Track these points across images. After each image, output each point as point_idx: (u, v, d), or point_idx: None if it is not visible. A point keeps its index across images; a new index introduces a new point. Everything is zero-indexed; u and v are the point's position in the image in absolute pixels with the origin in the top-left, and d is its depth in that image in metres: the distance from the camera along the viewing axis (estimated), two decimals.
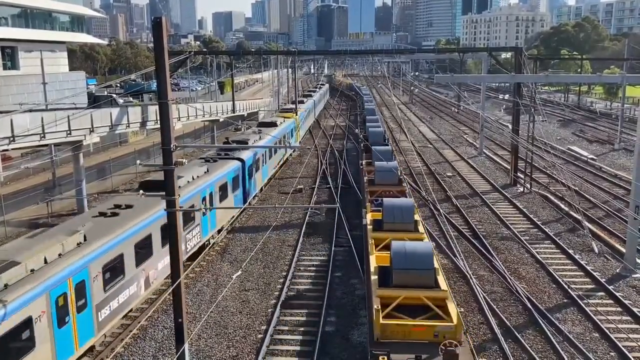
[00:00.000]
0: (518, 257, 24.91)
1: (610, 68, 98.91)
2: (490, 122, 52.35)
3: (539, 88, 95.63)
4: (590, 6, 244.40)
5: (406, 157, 48.27)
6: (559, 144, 54.03)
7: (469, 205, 33.61)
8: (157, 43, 12.37)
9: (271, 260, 24.63)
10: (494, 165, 46.20)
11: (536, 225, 29.32)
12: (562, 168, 38.78)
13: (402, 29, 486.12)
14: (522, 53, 40.30)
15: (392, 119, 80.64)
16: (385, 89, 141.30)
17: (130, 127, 35.21)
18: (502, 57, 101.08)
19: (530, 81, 40.08)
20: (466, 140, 60.09)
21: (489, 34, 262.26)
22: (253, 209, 32.21)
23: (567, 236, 27.71)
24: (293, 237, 27.78)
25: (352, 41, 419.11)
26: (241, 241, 27.12)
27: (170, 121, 12.56)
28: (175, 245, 13.06)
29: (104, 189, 36.95)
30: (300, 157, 49.37)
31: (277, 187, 38.46)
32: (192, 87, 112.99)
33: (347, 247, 25.73)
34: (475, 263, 24.01)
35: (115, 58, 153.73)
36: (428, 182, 37.39)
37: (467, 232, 28.20)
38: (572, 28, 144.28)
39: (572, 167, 43.99)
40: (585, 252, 25.52)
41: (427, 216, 30.72)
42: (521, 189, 37.66)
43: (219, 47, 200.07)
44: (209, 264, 24.11)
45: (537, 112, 38.98)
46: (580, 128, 67.46)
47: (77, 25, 67.03)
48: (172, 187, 12.83)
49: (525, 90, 45.21)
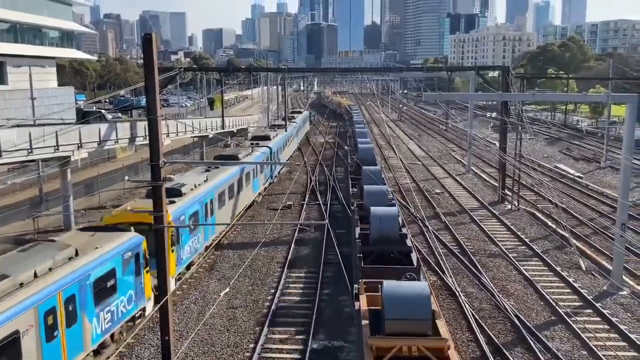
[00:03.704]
0: (506, 274, 24.94)
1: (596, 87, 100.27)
2: (478, 139, 52.71)
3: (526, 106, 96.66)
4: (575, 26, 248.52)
5: (395, 174, 48.40)
6: (545, 162, 54.47)
7: (457, 222, 33.69)
8: (147, 59, 12.38)
9: (259, 277, 24.47)
10: (482, 183, 46.43)
11: (524, 243, 29.43)
12: (549, 185, 39.06)
13: (390, 47, 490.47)
14: (509, 72, 40.75)
15: (381, 135, 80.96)
16: (374, 106, 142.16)
17: (118, 143, 35.00)
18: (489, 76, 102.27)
19: (517, 100, 40.50)
20: (454, 157, 60.41)
21: (476, 53, 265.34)
22: (242, 225, 32.06)
23: (554, 253, 27.82)
24: (282, 253, 27.65)
25: (342, 59, 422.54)
26: (229, 258, 26.93)
27: (159, 137, 12.52)
28: (163, 262, 12.94)
29: (91, 205, 36.64)
30: (289, 174, 49.35)
31: (266, 203, 38.36)
32: (182, 103, 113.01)
33: (336, 263, 25.64)
34: (463, 280, 23.99)
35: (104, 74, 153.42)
36: (417, 199, 37.48)
37: (456, 249, 28.23)
38: (558, 48, 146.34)
39: (559, 184, 44.32)
40: (572, 269, 25.62)
41: (415, 233, 30.74)
42: (509, 206, 37.84)
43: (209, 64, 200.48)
44: (197, 281, 23.90)
45: (524, 130, 39.31)
46: (566, 146, 68.12)
47: (66, 41, 66.98)
48: (161, 203, 12.75)
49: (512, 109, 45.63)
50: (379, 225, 18.85)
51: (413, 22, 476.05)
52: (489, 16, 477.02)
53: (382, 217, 19.00)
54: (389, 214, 19.30)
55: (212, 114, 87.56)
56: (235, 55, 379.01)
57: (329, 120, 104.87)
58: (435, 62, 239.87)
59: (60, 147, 28.83)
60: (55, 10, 62.54)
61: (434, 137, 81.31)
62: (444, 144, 72.98)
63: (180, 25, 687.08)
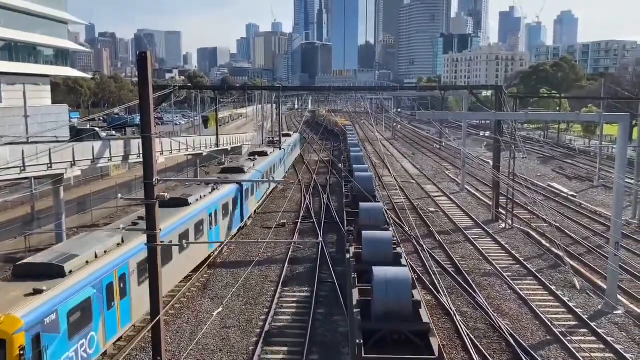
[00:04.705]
0: (501, 293, 24.87)
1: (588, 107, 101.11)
2: (471, 158, 52.91)
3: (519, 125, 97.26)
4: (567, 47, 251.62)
5: (389, 193, 48.44)
6: (539, 181, 54.68)
7: (451, 240, 33.65)
8: (141, 77, 12.40)
9: (253, 296, 24.29)
10: (476, 201, 46.51)
11: (518, 262, 29.40)
12: (543, 204, 39.16)
13: (384, 67, 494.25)
14: (502, 91, 41.07)
15: (375, 154, 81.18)
16: (368, 124, 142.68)
17: (112, 161, 34.93)
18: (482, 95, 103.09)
19: (511, 119, 40.76)
20: (448, 176, 60.57)
21: (469, 72, 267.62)
22: (235, 243, 31.91)
23: (549, 272, 27.80)
24: (276, 272, 27.49)
25: (336, 78, 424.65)
26: (222, 277, 26.75)
27: (153, 155, 12.50)
28: (155, 281, 12.83)
29: (84, 223, 36.41)
30: (283, 192, 49.28)
31: (260, 222, 38.24)
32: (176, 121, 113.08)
33: (330, 282, 25.51)
34: (458, 299, 23.90)
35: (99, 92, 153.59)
36: (411, 218, 37.46)
37: (450, 268, 28.16)
38: (551, 67, 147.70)
39: (553, 203, 44.44)
40: (567, 288, 25.58)
41: (410, 251, 30.66)
42: (503, 225, 37.87)
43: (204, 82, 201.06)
44: (190, 300, 23.69)
45: (517, 149, 39.53)
46: (560, 165, 68.46)
47: (61, 59, 67.13)
48: (154, 221, 12.68)
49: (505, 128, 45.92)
50: (385, 294, 14.06)
51: (407, 42, 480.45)
52: (482, 36, 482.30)
53: (390, 282, 14.20)
54: (399, 278, 14.37)
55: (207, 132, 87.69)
56: (230, 74, 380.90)
57: (323, 140, 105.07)
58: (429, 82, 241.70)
59: (54, 165, 28.74)
60: (50, 29, 62.79)
61: (428, 155, 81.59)
62: (438, 162, 73.21)
63: (175, 44, 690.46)
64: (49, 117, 56.60)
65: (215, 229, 27.98)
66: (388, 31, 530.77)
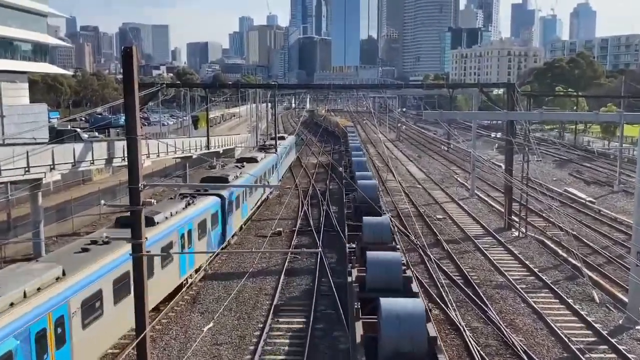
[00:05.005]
0: (514, 307, 24.85)
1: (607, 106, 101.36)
2: (482, 161, 52.97)
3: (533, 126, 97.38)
4: (584, 41, 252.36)
5: (393, 198, 48.45)
6: (555, 186, 54.72)
7: (460, 250, 33.65)
8: (126, 74, 12.40)
9: (246, 310, 24.24)
10: (487, 208, 46.52)
11: (533, 273, 29.39)
12: (559, 211, 39.16)
13: (388, 63, 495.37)
14: (514, 89, 41.17)
15: (378, 156, 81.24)
16: (371, 125, 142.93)
17: (94, 164, 34.94)
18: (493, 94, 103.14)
19: (524, 119, 40.84)
20: (457, 180, 60.61)
21: (479, 69, 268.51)
22: (227, 253, 31.88)
23: (565, 284, 27.78)
24: (271, 284, 27.45)
25: (336, 75, 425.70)
26: (213, 289, 26.70)
27: (138, 158, 12.49)
28: (141, 294, 12.80)
29: (64, 232, 36.35)
30: (279, 198, 49.30)
31: (254, 230, 38.20)
32: (164, 121, 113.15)
33: (330, 295, 25.46)
34: (468, 313, 23.88)
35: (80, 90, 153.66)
36: (417, 225, 37.44)
37: (459, 279, 28.15)
38: (567, 64, 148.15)
39: (570, 210, 44.48)
40: (585, 301, 25.56)
41: (416, 262, 30.64)
42: (516, 233, 37.87)
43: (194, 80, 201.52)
44: (178, 315, 23.64)
45: (531, 151, 39.55)
46: (577, 168, 68.55)
47: (40, 55, 67.21)
48: (140, 229, 12.67)
49: (518, 129, 46.03)
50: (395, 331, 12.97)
51: (412, 36, 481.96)
52: (492, 30, 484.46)
53: (401, 317, 13.05)
54: (412, 312, 13.24)
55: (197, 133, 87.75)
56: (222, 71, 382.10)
57: (322, 142, 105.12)
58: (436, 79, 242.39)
59: (31, 169, 28.72)
60: (28, 22, 62.88)
61: (435, 158, 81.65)
62: (445, 166, 73.27)
63: (162, 39, 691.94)
64: (26, 117, 56.62)
65: (189, 251, 25.51)
66: (392, 25, 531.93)
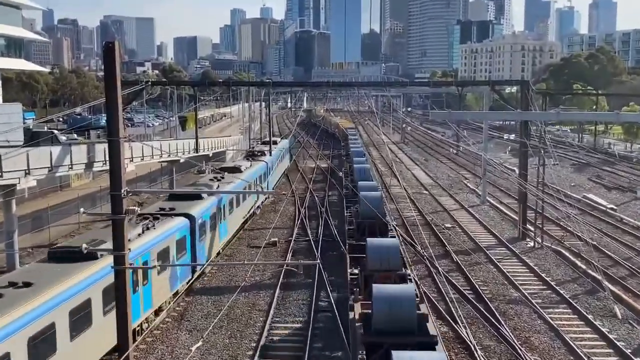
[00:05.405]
0: (529, 323, 24.84)
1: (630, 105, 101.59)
2: (494, 165, 53.03)
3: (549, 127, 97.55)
4: (604, 35, 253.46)
5: (398, 205, 48.48)
6: (573, 192, 54.80)
7: (471, 262, 33.66)
8: (108, 71, 12.42)
9: (238, 328, 24.21)
10: (499, 216, 46.56)
11: (549, 286, 29.39)
12: (578, 219, 39.17)
13: (392, 59, 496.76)
14: (529, 87, 41.26)
15: (382, 160, 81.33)
16: (374, 126, 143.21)
17: (73, 169, 34.88)
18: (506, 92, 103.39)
19: (539, 119, 40.95)
20: (467, 186, 60.68)
21: (490, 65, 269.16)
22: (218, 266, 31.85)
23: (585, 299, 27.78)
24: (265, 299, 27.42)
25: (335, 72, 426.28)
26: (202, 305, 26.66)
27: (121, 162, 12.49)
28: (124, 310, 12.79)
29: (40, 242, 36.30)
30: (274, 205, 49.30)
31: (247, 240, 38.19)
32: (149, 122, 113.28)
33: (329, 312, 25.44)
34: (479, 331, 23.86)
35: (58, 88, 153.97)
36: (424, 235, 37.43)
37: (470, 294, 28.14)
38: (585, 59, 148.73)
39: (589, 218, 44.50)
40: (606, 317, 25.55)
41: (423, 275, 30.63)
42: (531, 243, 37.89)
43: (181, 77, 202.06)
44: (164, 333, 23.60)
45: (547, 154, 39.63)
46: (597, 173, 68.65)
47: (14, 50, 67.25)
48: (122, 240, 12.66)
49: (533, 130, 46.12)
50: None
51: (418, 30, 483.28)
52: (505, 23, 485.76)
53: None
54: None
55: (184, 135, 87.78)
56: (212, 67, 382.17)
57: (321, 145, 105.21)
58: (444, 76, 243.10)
59: (4, 174, 28.66)
60: (1, 15, 62.94)
61: (442, 162, 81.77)
62: (454, 170, 73.36)
63: (147, 33, 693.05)
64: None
65: (144, 290, 21.77)
66: (396, 17, 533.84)
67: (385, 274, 19.44)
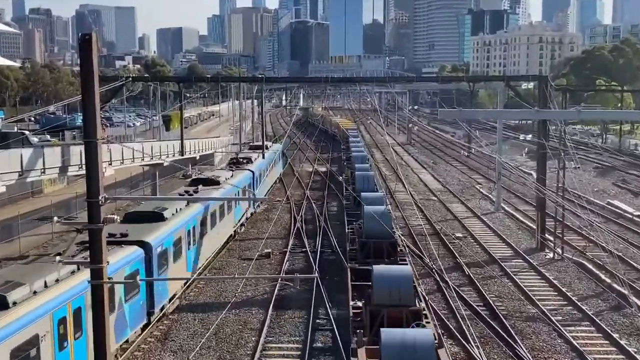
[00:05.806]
0: (549, 343, 24.82)
1: None
2: (509, 169, 53.04)
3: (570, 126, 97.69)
4: (630, 26, 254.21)
5: (404, 213, 48.48)
6: (596, 198, 54.83)
7: (484, 275, 33.63)
8: (84, 66, 12.40)
9: (228, 349, 24.18)
10: (515, 224, 46.57)
11: (571, 302, 29.36)
12: (602, 228, 39.18)
13: (396, 52, 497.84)
14: (547, 83, 41.31)
15: (386, 163, 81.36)
16: (377, 125, 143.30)
17: (46, 174, 34.87)
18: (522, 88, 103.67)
19: (559, 118, 40.96)
20: (479, 191, 60.70)
21: (505, 59, 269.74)
22: (205, 280, 31.80)
23: (610, 315, 27.77)
24: (257, 317, 27.38)
25: (335, 66, 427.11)
26: (188, 323, 26.62)
27: (99, 166, 12.47)
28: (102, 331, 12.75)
29: (10, 254, 36.24)
30: (267, 213, 49.29)
31: (238, 251, 38.14)
32: (129, 122, 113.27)
33: (328, 330, 25.42)
34: (494, 351, 23.84)
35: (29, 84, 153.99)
36: (432, 245, 37.44)
37: (483, 310, 28.12)
38: (609, 52, 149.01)
39: (614, 226, 44.52)
40: (633, 336, 25.55)
41: (431, 290, 30.60)
42: (550, 254, 37.88)
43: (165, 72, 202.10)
44: (146, 354, 23.55)
45: (568, 156, 39.66)
46: (622, 177, 68.71)
47: None
48: (100, 252, 12.63)
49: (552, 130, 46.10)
50: None
51: (425, 20, 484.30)
52: (521, 13, 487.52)
53: None
54: None
55: (169, 136, 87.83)
56: (199, 61, 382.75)
57: (319, 147, 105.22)
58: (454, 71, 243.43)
59: None
60: None
61: (453, 165, 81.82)
62: (466, 174, 73.40)
63: (128, 23, 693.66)
64: None
65: (75, 345, 18.68)
66: (401, 6, 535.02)
67: (395, 310, 18.24)
